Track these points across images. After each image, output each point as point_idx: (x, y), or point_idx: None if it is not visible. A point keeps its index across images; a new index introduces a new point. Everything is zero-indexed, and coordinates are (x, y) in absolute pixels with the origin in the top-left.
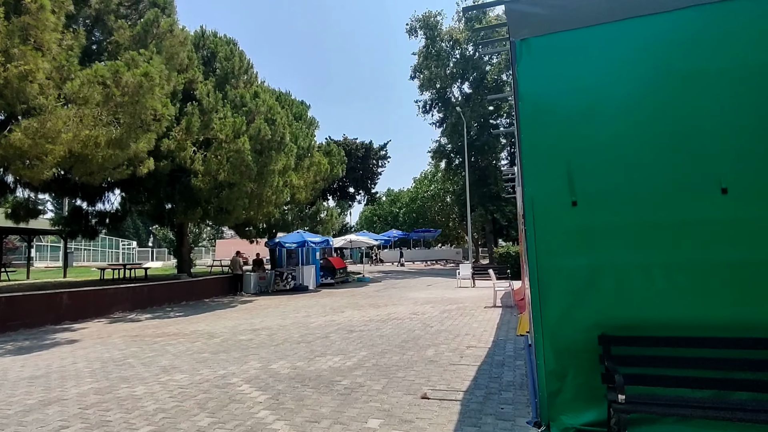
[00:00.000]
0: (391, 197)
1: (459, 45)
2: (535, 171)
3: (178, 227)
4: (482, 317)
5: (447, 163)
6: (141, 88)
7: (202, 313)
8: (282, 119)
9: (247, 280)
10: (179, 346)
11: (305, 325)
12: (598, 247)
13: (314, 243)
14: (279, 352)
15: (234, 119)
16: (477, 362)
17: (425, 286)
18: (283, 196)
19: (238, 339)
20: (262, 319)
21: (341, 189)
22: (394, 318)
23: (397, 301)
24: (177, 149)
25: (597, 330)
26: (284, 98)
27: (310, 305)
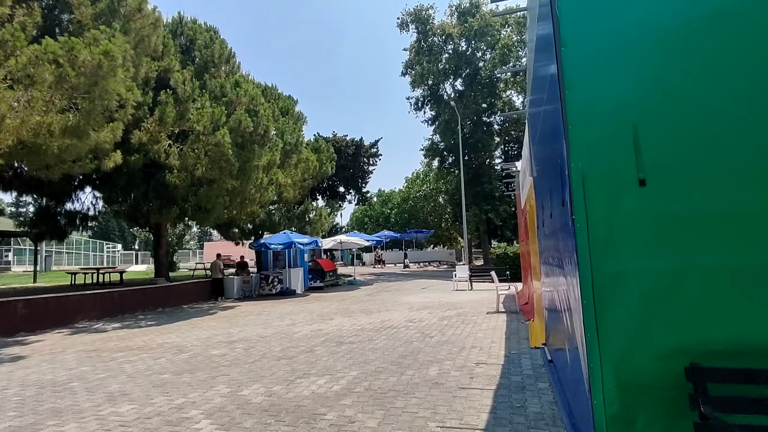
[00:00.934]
0: (382, 198)
1: (452, 40)
2: (586, 139)
3: (154, 228)
4: (486, 325)
5: (440, 161)
6: (100, 68)
7: (176, 322)
8: (266, 111)
9: (229, 285)
10: (139, 363)
11: (288, 335)
12: (682, 242)
13: (302, 244)
14: (254, 372)
15: (213, 109)
16: (491, 385)
17: (420, 290)
18: (268, 195)
19: (209, 354)
20: (242, 328)
21: (331, 188)
22: (389, 326)
23: (390, 306)
24: (150, 142)
25: (683, 358)
26: (270, 92)
27: (296, 311)
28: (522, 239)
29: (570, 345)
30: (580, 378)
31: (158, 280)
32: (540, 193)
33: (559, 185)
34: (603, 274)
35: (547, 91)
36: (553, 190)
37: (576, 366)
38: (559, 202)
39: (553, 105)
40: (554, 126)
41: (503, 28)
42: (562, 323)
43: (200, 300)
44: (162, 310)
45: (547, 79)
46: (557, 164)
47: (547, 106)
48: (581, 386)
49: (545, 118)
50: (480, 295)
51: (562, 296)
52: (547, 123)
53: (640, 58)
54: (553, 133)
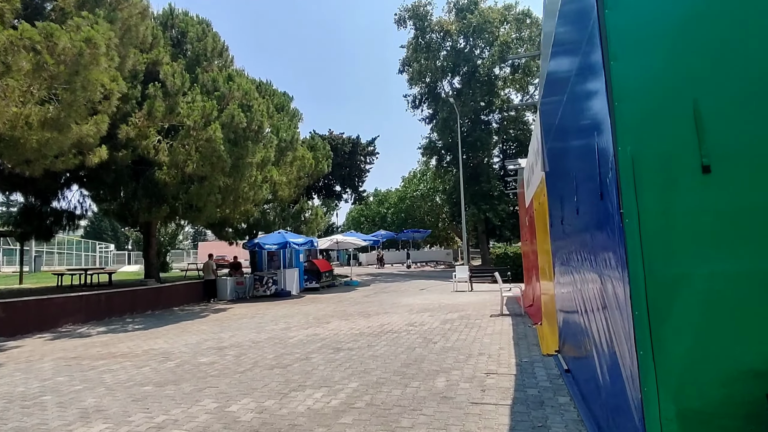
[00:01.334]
0: (378, 197)
1: (450, 36)
2: (636, 117)
3: (144, 227)
4: (492, 329)
5: (438, 160)
6: (81, 57)
7: (165, 325)
8: (260, 106)
9: (222, 286)
10: (121, 373)
11: (283, 341)
12: (755, 240)
13: (297, 244)
14: (244, 384)
15: (204, 103)
16: (506, 399)
17: (418, 291)
18: (263, 193)
19: (197, 362)
20: (233, 333)
21: (327, 187)
22: (389, 330)
23: (389, 308)
24: (138, 137)
25: (760, 382)
26: (264, 87)
27: (292, 314)
28: (525, 239)
29: (603, 358)
30: (625, 405)
31: (148, 281)
32: (557, 188)
33: (594, 176)
34: (658, 279)
35: (576, 68)
36: (582, 183)
37: (617, 388)
38: (591, 195)
39: (586, 83)
40: (587, 108)
41: (502, 25)
42: (587, 331)
43: (192, 302)
44: (151, 312)
45: (577, 54)
46: (590, 152)
47: (578, 85)
48: (627, 414)
49: (572, 100)
50: (481, 296)
51: (589, 301)
52: (576, 105)
53: (703, 15)
54: (586, 116)
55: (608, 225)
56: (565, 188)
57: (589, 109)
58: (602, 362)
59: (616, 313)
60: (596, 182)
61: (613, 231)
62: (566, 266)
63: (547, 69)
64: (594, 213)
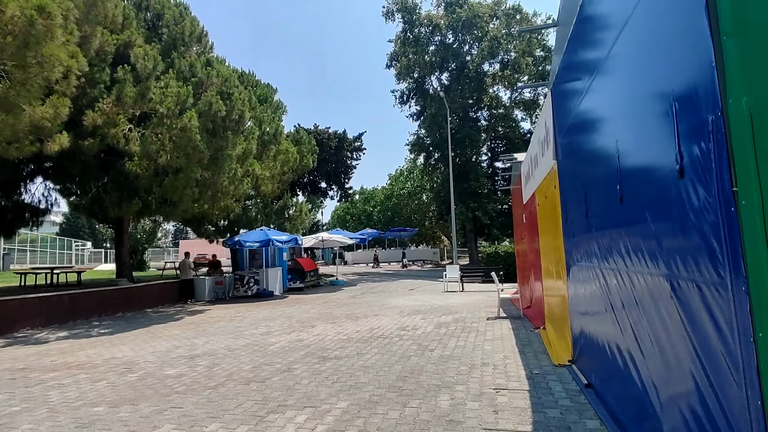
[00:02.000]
0: (364, 195)
1: (439, 31)
2: (757, 56)
3: (115, 223)
4: (491, 334)
5: (426, 157)
6: (33, 27)
7: (134, 330)
8: (240, 95)
9: (200, 286)
10: (71, 389)
11: (262, 348)
12: None
13: (280, 242)
14: (214, 403)
15: (179, 89)
16: (524, 423)
17: (407, 291)
18: (243, 187)
19: (162, 375)
20: (208, 338)
21: (312, 183)
22: (379, 336)
23: (378, 310)
24: (106, 125)
25: None
26: (247, 78)
27: (273, 316)
28: (521, 237)
29: (666, 383)
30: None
31: (120, 281)
32: (577, 178)
33: (661, 149)
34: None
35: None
36: (631, 162)
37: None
38: (655, 175)
39: (659, 19)
40: (657, 56)
41: (492, 20)
42: (633, 345)
43: (167, 303)
44: (122, 314)
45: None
46: (656, 117)
47: (639, 28)
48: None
49: (622, 55)
50: (473, 297)
51: (640, 310)
52: (631, 59)
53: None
54: (651, 70)
55: (699, 212)
56: (593, 175)
57: (663, 56)
58: (667, 388)
59: (707, 331)
60: (669, 156)
61: (706, 220)
62: (590, 266)
63: (570, 32)
64: (660, 198)
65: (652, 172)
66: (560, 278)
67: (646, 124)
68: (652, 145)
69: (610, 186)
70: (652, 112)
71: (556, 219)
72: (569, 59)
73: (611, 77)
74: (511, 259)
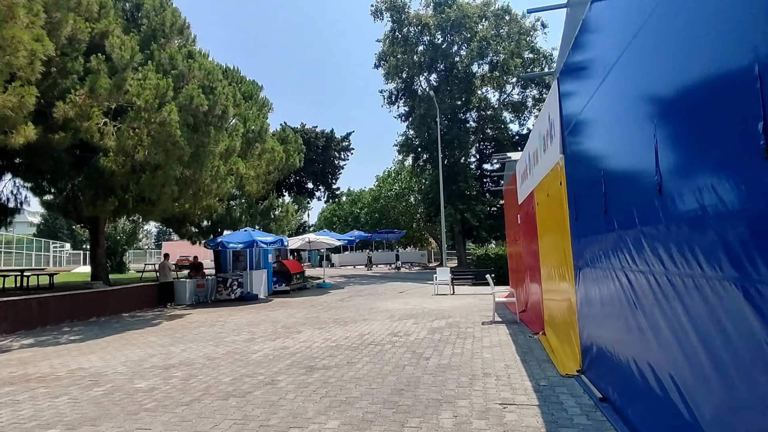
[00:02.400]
0: (351, 197)
1: (428, 31)
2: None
3: (91, 223)
4: (488, 340)
5: (414, 158)
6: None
7: (107, 336)
8: (224, 89)
9: (180, 289)
10: (26, 406)
11: (244, 357)
12: None
13: (265, 243)
14: (187, 423)
15: (158, 81)
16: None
17: (397, 294)
18: (227, 186)
19: (132, 388)
20: (186, 345)
21: (298, 184)
22: (370, 342)
23: (367, 314)
24: (78, 117)
25: None
26: (232, 74)
27: (257, 321)
28: (514, 238)
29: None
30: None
31: (95, 284)
32: (591, 172)
33: (733, 128)
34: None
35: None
36: (678, 149)
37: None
38: (715, 164)
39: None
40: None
41: (481, 21)
42: (670, 357)
43: (145, 307)
44: (96, 320)
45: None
46: (728, 85)
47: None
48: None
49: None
50: (465, 300)
51: (683, 319)
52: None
53: None
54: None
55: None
56: (617, 166)
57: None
58: (730, 414)
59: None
60: (741, 134)
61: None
62: (609, 268)
63: (587, 10)
64: (728, 189)
65: (716, 155)
66: (565, 281)
67: (702, 101)
68: (719, 123)
69: (643, 177)
70: (719, 81)
71: (562, 218)
72: (584, 41)
73: (649, 54)
74: (502, 262)
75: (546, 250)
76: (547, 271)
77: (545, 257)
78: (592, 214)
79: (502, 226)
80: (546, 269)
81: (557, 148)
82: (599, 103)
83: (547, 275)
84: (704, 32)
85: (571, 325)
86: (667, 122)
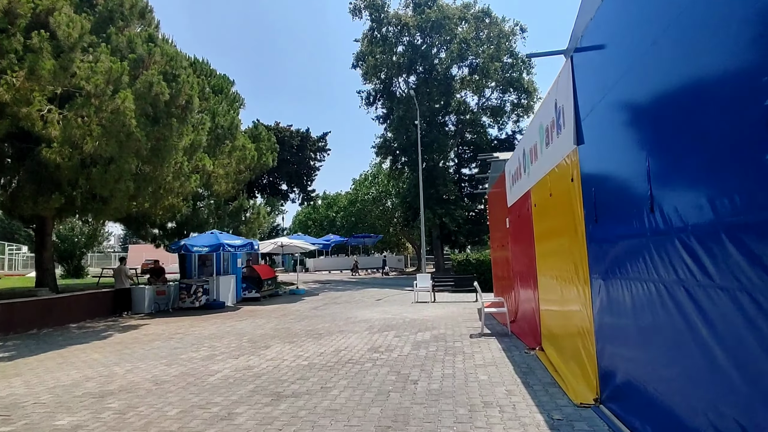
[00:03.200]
0: (327, 200)
1: (407, 31)
2: None
3: (37, 223)
4: (481, 357)
5: (392, 161)
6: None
7: (43, 353)
8: (189, 77)
9: (139, 297)
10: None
11: (200, 380)
12: None
13: (233, 247)
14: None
15: (111, 65)
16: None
17: (374, 301)
18: (191, 184)
19: (50, 426)
20: (134, 365)
21: (272, 185)
22: (348, 360)
23: (343, 325)
24: (15, 102)
25: None
26: (200, 66)
27: (220, 334)
28: (500, 244)
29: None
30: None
31: (39, 290)
32: (626, 161)
33: None
34: None
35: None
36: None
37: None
38: None
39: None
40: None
41: (461, 23)
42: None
43: (98, 316)
44: (36, 332)
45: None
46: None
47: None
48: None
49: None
50: (448, 309)
51: None
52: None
53: None
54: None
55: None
56: (677, 153)
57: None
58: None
59: None
60: None
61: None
62: (650, 280)
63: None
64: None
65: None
66: (574, 291)
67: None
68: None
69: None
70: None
71: (571, 220)
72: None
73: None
74: (484, 267)
75: (545, 255)
76: (546, 279)
77: (544, 263)
78: (623, 215)
79: (480, 231)
80: (545, 277)
81: (569, 138)
82: (644, 77)
83: (546, 284)
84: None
85: (583, 344)
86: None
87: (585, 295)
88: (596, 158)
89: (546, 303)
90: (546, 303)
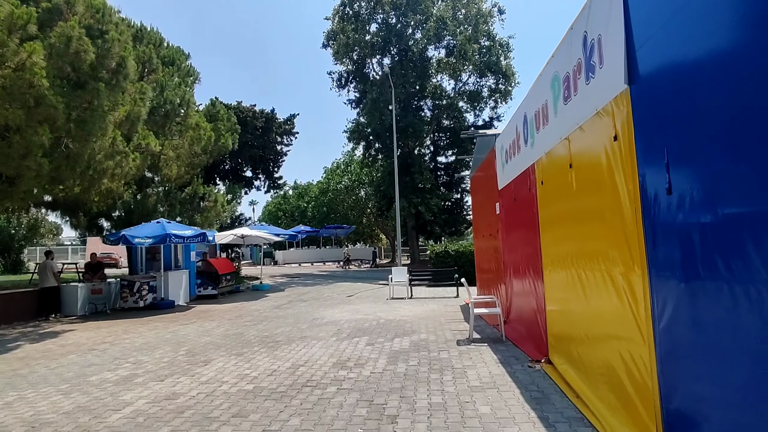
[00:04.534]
0: (298, 190)
1: (381, 8)
2: None
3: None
4: (475, 374)
5: (365, 147)
6: None
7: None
8: (120, 35)
9: (70, 296)
10: None
11: (98, 417)
12: None
13: (182, 237)
14: None
15: (12, 9)
16: None
17: (345, 298)
18: (130, 165)
19: None
20: (19, 393)
21: (234, 171)
22: (306, 381)
23: (307, 329)
24: None
25: None
26: (149, 35)
27: (157, 342)
28: (487, 233)
29: None
30: None
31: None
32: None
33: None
34: None
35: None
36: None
37: None
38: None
39: None
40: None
41: (438, 1)
42: None
43: (19, 320)
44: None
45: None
46: None
47: None
48: None
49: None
50: (426, 306)
51: None
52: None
53: None
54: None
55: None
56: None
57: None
58: None
59: None
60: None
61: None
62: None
63: None
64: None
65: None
66: (609, 294)
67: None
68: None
69: None
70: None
71: (610, 194)
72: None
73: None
74: (464, 259)
75: (556, 243)
76: (557, 273)
77: (555, 254)
78: (735, 182)
79: (456, 221)
80: (556, 271)
81: (616, 77)
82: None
83: (556, 279)
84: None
85: (627, 367)
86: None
87: (634, 298)
88: (672, 97)
89: (556, 303)
90: (556, 303)
